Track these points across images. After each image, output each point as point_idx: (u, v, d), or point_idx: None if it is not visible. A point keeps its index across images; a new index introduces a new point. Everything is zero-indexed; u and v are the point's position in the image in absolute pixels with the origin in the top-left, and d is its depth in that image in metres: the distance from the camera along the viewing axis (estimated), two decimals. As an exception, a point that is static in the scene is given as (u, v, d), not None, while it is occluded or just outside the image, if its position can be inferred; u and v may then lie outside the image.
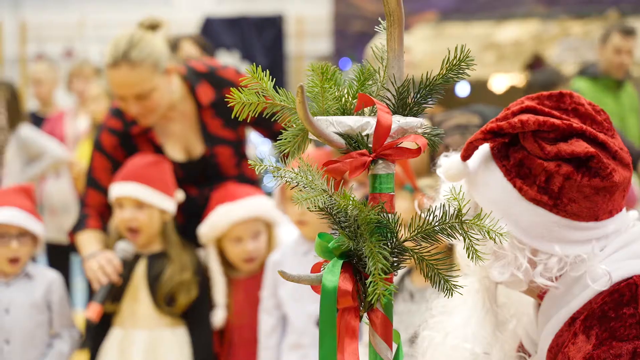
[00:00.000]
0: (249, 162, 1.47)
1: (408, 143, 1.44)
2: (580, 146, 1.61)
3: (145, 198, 3.21)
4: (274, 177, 1.45)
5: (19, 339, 3.16)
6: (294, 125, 1.46)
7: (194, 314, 3.28)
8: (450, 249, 2.06)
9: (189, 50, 4.74)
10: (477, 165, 1.71)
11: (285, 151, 1.47)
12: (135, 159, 3.30)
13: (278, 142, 1.47)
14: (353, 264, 1.44)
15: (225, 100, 2.38)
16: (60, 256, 5.88)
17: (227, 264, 3.36)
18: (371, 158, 1.42)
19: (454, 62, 1.43)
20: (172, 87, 3.29)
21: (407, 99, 1.45)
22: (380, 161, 1.43)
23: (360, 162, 1.41)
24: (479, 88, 8.33)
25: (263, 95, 1.44)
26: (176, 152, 3.40)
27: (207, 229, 3.30)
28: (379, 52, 1.48)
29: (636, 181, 4.21)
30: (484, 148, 1.71)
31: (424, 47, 7.92)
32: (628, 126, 5.97)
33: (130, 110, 3.23)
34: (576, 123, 1.64)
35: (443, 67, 1.44)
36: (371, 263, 1.37)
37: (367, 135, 1.42)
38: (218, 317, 3.28)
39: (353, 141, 1.43)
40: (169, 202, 3.27)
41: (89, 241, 3.27)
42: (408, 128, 1.43)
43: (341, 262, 1.43)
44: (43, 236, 3.28)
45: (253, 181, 3.54)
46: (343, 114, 1.46)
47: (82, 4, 10.61)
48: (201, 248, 3.40)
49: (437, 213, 1.42)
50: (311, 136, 1.43)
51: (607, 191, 1.63)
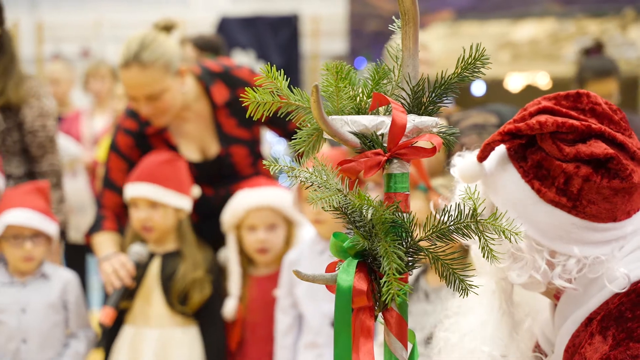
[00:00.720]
0: (264, 162, 1.47)
1: (423, 142, 1.43)
2: (599, 147, 1.60)
3: (159, 198, 3.22)
4: (289, 177, 1.44)
5: (36, 339, 3.18)
6: (309, 124, 1.46)
7: (207, 313, 3.29)
8: (465, 250, 2.06)
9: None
10: (493, 166, 1.70)
11: (300, 150, 1.46)
12: (149, 158, 3.30)
13: (293, 142, 1.47)
14: (368, 264, 1.43)
15: (239, 99, 2.38)
16: (76, 255, 5.90)
17: (247, 259, 3.36)
18: (386, 157, 1.41)
19: (469, 61, 1.42)
20: (185, 88, 3.29)
21: (422, 98, 1.45)
22: (395, 160, 1.43)
23: (375, 162, 1.40)
24: (495, 87, 8.30)
25: (278, 94, 1.44)
26: (191, 152, 3.41)
27: (227, 215, 3.32)
28: (394, 51, 1.48)
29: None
30: (500, 149, 1.70)
31: (440, 46, 7.91)
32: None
33: (142, 110, 3.24)
34: (594, 124, 1.63)
35: (458, 66, 1.43)
36: (386, 263, 1.37)
37: (382, 134, 1.42)
38: (229, 307, 3.28)
39: (368, 140, 1.42)
40: (184, 200, 3.27)
41: (105, 243, 3.28)
42: (423, 127, 1.43)
43: (356, 262, 1.43)
44: (58, 236, 3.29)
45: (269, 181, 3.55)
46: (358, 113, 1.45)
47: (99, 4, 10.64)
48: (221, 247, 3.41)
49: (452, 213, 1.41)
50: (326, 135, 1.43)
51: (626, 192, 1.62)
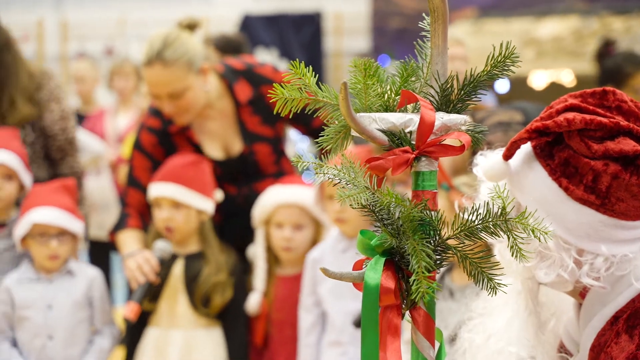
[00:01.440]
0: (291, 160, 1.46)
1: (451, 140, 1.43)
2: (628, 144, 1.59)
3: (181, 198, 3.23)
4: (316, 174, 1.44)
5: (62, 335, 3.19)
6: (336, 121, 1.45)
7: (230, 315, 3.30)
8: (490, 248, 2.05)
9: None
10: (519, 165, 1.69)
11: (327, 148, 1.46)
12: (174, 159, 3.31)
13: (320, 139, 1.46)
14: (395, 262, 1.43)
15: (263, 97, 2.37)
16: (100, 253, 5.93)
17: (274, 257, 3.37)
18: (414, 155, 1.41)
19: (499, 59, 1.42)
20: (208, 87, 3.29)
21: (451, 96, 1.44)
22: (423, 158, 1.42)
23: (403, 159, 1.40)
24: (519, 84, 8.26)
25: (305, 91, 1.44)
26: (215, 150, 3.42)
27: (257, 210, 3.33)
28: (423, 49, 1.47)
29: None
30: (526, 147, 1.69)
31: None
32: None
33: (164, 108, 3.25)
34: (622, 121, 1.62)
35: (487, 64, 1.43)
36: (414, 261, 1.36)
37: (410, 132, 1.41)
38: (253, 302, 3.29)
39: (396, 138, 1.42)
40: (207, 203, 3.28)
41: (129, 240, 3.30)
42: (451, 125, 1.42)
43: (384, 260, 1.43)
44: (83, 234, 3.31)
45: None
46: (386, 111, 1.45)
47: (123, 2, 10.69)
48: (244, 245, 3.42)
49: (481, 211, 1.41)
50: (353, 133, 1.43)
51: None
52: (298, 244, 3.32)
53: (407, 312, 1.46)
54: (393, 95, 1.46)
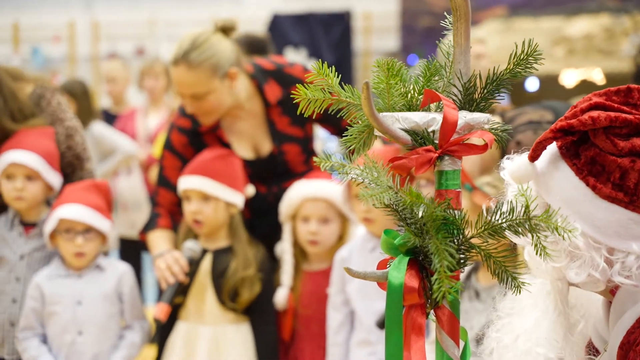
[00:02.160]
0: (315, 159, 1.47)
1: (475, 139, 1.42)
2: None
3: (210, 191, 3.24)
4: (339, 174, 1.45)
5: (92, 330, 3.22)
6: (360, 121, 1.46)
7: (258, 311, 3.30)
8: (514, 248, 2.04)
9: None
10: (545, 165, 1.68)
11: (350, 148, 1.47)
12: (204, 153, 3.33)
13: (344, 139, 1.47)
14: (419, 261, 1.43)
15: (292, 98, 2.37)
16: (131, 252, 5.98)
17: (300, 253, 3.38)
18: (437, 154, 1.41)
19: (522, 57, 1.41)
20: (235, 90, 3.30)
21: (474, 95, 1.44)
22: (446, 157, 1.42)
23: (426, 159, 1.40)
24: (549, 83, 8.21)
25: (329, 91, 1.45)
26: (244, 150, 3.43)
27: (283, 205, 3.34)
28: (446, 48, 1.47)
29: None
30: (551, 148, 1.68)
31: (494, 42, 7.84)
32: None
33: (187, 108, 3.28)
34: (647, 118, 1.61)
35: (511, 62, 1.42)
36: (437, 260, 1.36)
37: (433, 131, 1.42)
38: (280, 296, 3.30)
39: (419, 137, 1.42)
40: (236, 196, 3.29)
41: (159, 240, 3.32)
42: (475, 124, 1.42)
43: (407, 259, 1.43)
44: (110, 233, 3.32)
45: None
46: (409, 110, 1.45)
47: (153, 3, 10.77)
48: (273, 245, 3.43)
49: (505, 210, 1.41)
50: (377, 132, 1.43)
51: None
52: (324, 238, 3.32)
53: (432, 312, 1.46)
54: (416, 94, 1.46)
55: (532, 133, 2.77)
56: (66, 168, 3.46)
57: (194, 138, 3.40)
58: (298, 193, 3.32)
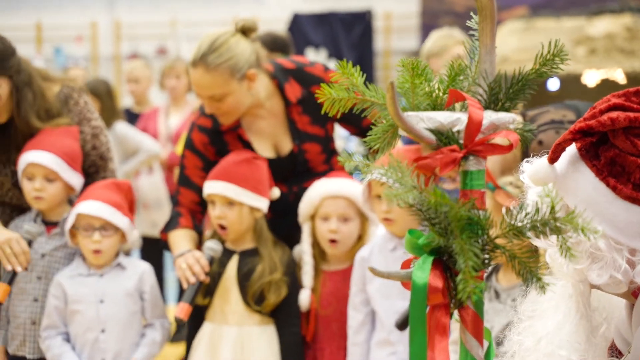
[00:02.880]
0: (339, 159, 1.47)
1: (499, 139, 1.42)
2: None
3: (234, 196, 3.25)
4: (363, 173, 1.45)
5: (114, 328, 3.24)
6: (384, 121, 1.46)
7: (283, 312, 3.31)
8: (536, 249, 2.03)
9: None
10: (565, 167, 1.68)
11: (375, 147, 1.47)
12: (229, 157, 3.34)
13: (368, 138, 1.47)
14: (443, 261, 1.43)
15: (312, 97, 2.38)
16: (153, 251, 5.99)
17: (320, 253, 3.38)
18: (462, 154, 1.41)
19: (548, 57, 1.41)
20: (254, 91, 3.31)
21: (499, 94, 1.44)
22: (471, 157, 1.42)
23: (450, 158, 1.40)
24: (570, 83, 8.16)
25: (353, 91, 1.45)
26: (265, 149, 3.43)
27: (303, 204, 3.35)
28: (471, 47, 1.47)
29: None
30: (570, 149, 1.68)
31: (514, 42, 7.81)
32: None
33: (206, 109, 3.29)
34: (668, 118, 1.60)
35: (536, 62, 1.42)
36: (461, 260, 1.36)
37: (458, 131, 1.41)
38: (303, 299, 3.30)
39: (444, 137, 1.42)
40: (260, 201, 3.30)
41: (180, 240, 3.33)
42: (500, 124, 1.42)
43: (431, 259, 1.43)
44: (130, 231, 3.32)
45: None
46: (434, 110, 1.45)
47: (174, 3, 10.81)
48: (294, 244, 3.43)
49: (529, 210, 1.40)
50: (401, 132, 1.43)
51: None
52: (344, 237, 3.31)
53: (456, 312, 1.46)
54: (441, 94, 1.46)
55: (555, 132, 2.76)
56: (90, 168, 3.48)
57: (215, 137, 3.41)
58: (318, 191, 3.32)
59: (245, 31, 3.29)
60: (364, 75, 1.46)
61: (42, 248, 3.32)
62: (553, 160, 1.66)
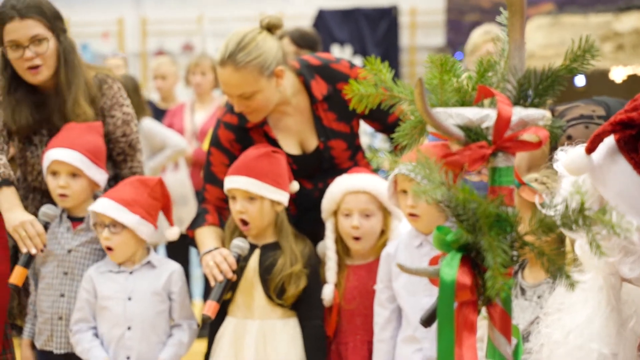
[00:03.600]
0: (367, 155, 1.47)
1: (528, 135, 1.41)
2: None
3: (254, 191, 3.25)
4: (391, 169, 1.45)
5: (140, 326, 3.25)
6: (412, 117, 1.45)
7: (305, 305, 3.31)
8: (562, 242, 2.02)
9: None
10: (602, 158, 1.66)
11: (402, 143, 1.46)
12: (248, 151, 3.34)
13: (396, 134, 1.47)
14: (472, 258, 1.42)
15: (338, 94, 2.36)
16: (179, 247, 6.02)
17: (343, 248, 3.38)
18: (491, 151, 1.40)
19: (578, 53, 1.40)
20: (282, 88, 3.31)
21: (529, 91, 1.43)
22: (499, 154, 1.42)
23: (479, 155, 1.40)
24: (598, 79, 8.10)
25: (380, 87, 1.44)
26: (290, 146, 3.44)
27: (325, 200, 3.35)
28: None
29: None
30: (608, 141, 1.66)
31: (540, 38, 7.76)
32: None
33: (235, 107, 3.29)
34: None
35: (566, 58, 1.41)
36: (490, 257, 1.36)
37: (487, 127, 1.41)
38: (326, 293, 3.31)
39: (472, 133, 1.41)
40: (281, 194, 3.30)
41: (207, 237, 3.33)
42: (529, 120, 1.41)
43: (459, 256, 1.42)
44: (139, 228, 3.27)
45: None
46: (462, 106, 1.44)
47: (200, 0, 10.85)
48: (319, 240, 3.43)
49: (559, 206, 1.39)
50: (429, 128, 1.43)
51: None
52: (366, 232, 3.31)
53: (483, 308, 1.45)
54: (470, 90, 1.45)
55: (584, 127, 2.75)
56: (118, 156, 3.51)
57: (241, 134, 3.41)
58: (339, 187, 3.32)
59: (270, 28, 3.30)
60: (392, 71, 1.45)
61: (69, 244, 3.34)
62: (590, 150, 1.64)
